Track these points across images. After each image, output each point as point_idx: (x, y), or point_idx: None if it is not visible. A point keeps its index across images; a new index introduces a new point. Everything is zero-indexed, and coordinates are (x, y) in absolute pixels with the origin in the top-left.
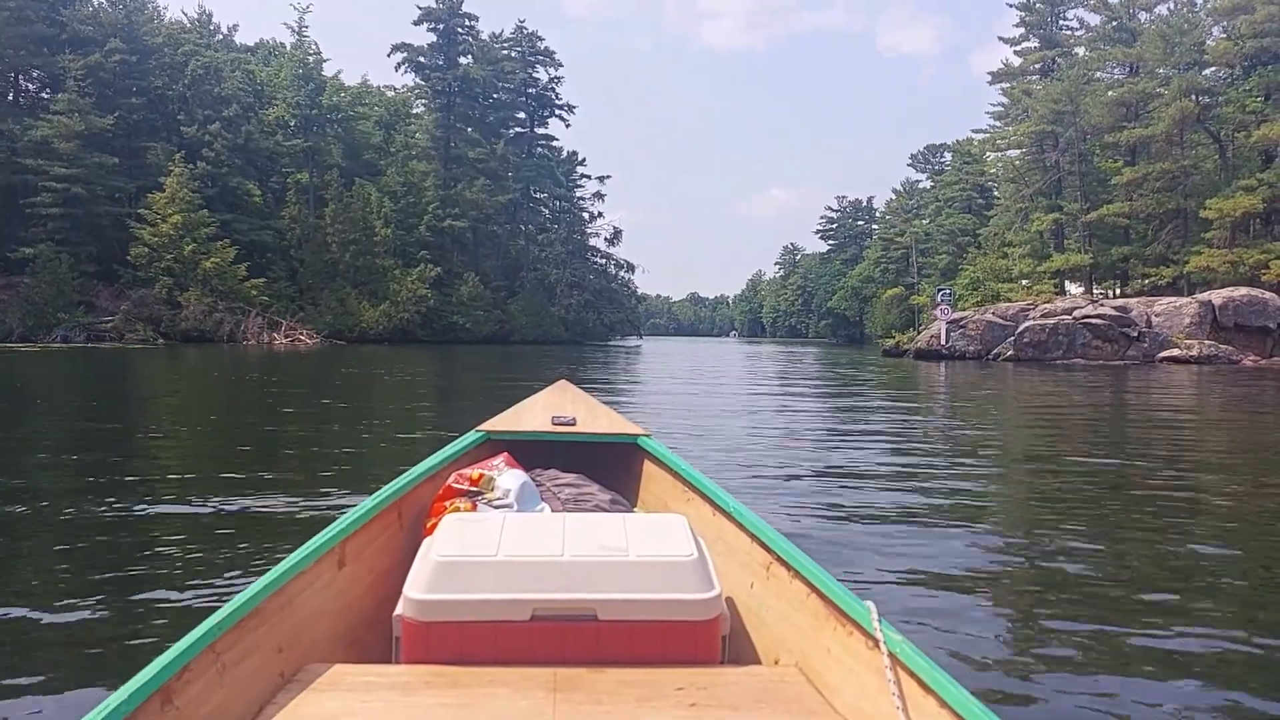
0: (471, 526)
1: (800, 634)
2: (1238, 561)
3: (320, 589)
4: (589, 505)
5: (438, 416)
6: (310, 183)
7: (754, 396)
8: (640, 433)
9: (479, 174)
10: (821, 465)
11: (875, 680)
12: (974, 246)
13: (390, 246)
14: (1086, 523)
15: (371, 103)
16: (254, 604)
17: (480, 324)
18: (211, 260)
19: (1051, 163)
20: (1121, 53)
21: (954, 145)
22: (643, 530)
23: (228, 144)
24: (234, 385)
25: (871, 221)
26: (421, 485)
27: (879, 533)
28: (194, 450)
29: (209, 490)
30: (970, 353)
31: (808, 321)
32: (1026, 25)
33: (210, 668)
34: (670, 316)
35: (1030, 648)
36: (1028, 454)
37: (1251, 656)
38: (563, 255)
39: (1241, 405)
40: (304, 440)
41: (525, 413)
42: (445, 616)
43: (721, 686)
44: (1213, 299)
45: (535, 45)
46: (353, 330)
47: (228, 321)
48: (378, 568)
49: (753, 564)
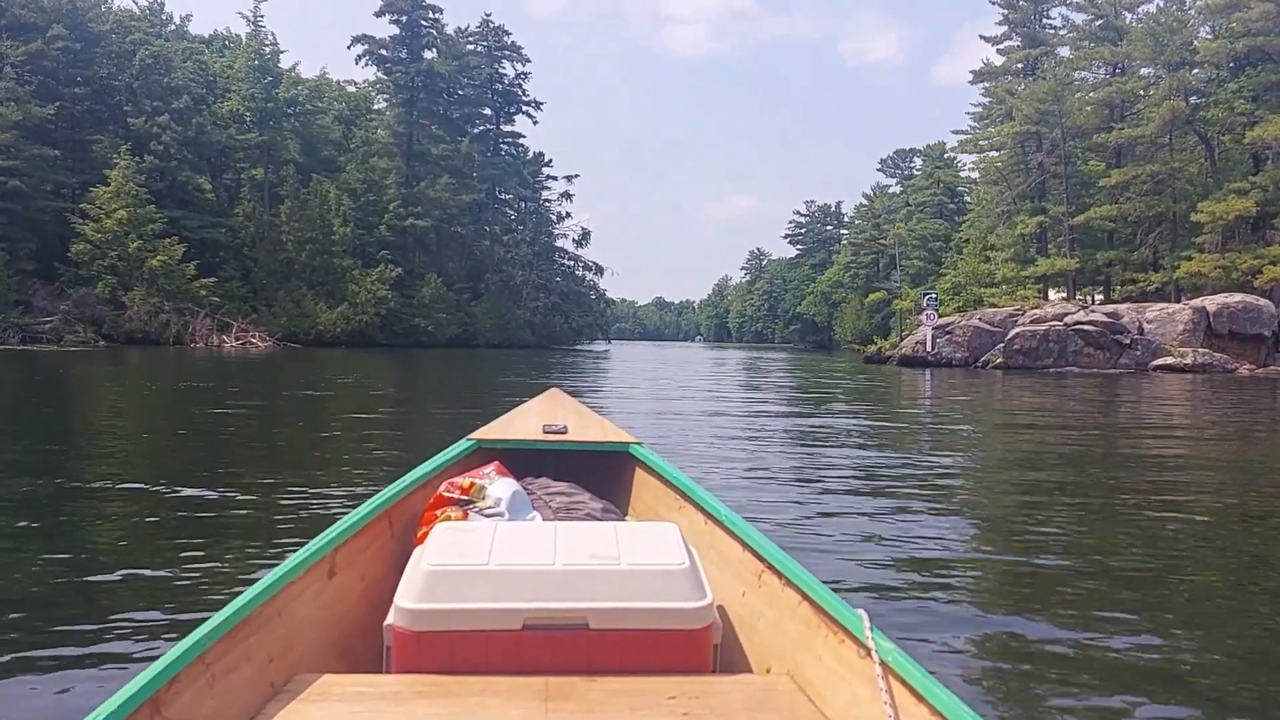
0: (463, 535)
1: (792, 642)
2: (1230, 572)
3: (311, 598)
4: (580, 514)
5: (388, 450)
6: (265, 179)
7: (751, 416)
8: (632, 441)
9: (443, 171)
10: (814, 479)
11: (867, 689)
12: (946, 251)
13: (349, 246)
14: (1079, 534)
15: (331, 97)
16: (244, 613)
17: (443, 327)
18: (158, 258)
19: (1035, 164)
20: (1109, 51)
21: (924, 150)
22: (634, 538)
23: (177, 137)
24: (166, 400)
25: (840, 226)
26: (412, 494)
27: (869, 545)
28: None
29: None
30: (957, 360)
31: (774, 327)
32: (1010, 23)
33: (200, 678)
34: (636, 321)
35: (1022, 658)
36: (1034, 466)
37: (1241, 666)
38: (529, 256)
39: (1248, 417)
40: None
41: (517, 421)
42: (437, 626)
43: (713, 695)
44: (1206, 305)
45: (502, 40)
46: (309, 333)
47: (175, 323)
48: (369, 577)
49: (745, 572)
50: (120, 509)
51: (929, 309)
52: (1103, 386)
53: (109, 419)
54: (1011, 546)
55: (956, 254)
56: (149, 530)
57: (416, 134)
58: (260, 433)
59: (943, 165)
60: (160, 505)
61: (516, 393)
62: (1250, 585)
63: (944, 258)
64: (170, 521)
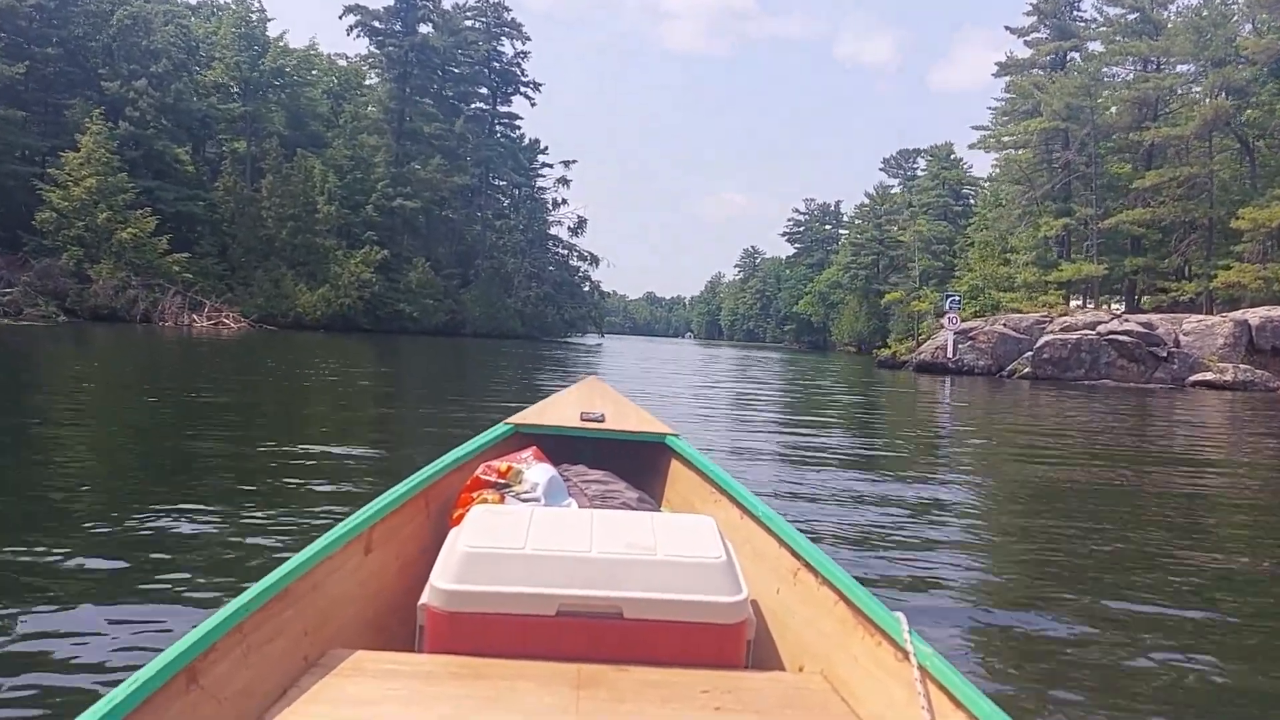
0: (499, 518)
1: (826, 641)
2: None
3: (347, 574)
4: (616, 502)
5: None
6: (248, 152)
7: (774, 430)
8: (669, 432)
9: (435, 151)
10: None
11: (904, 692)
12: (951, 254)
13: (333, 225)
14: (1131, 550)
15: (321, 70)
16: (281, 586)
17: (429, 313)
18: (129, 230)
19: (1062, 163)
20: (1147, 45)
21: (929, 150)
22: (671, 530)
23: (155, 103)
24: (99, 390)
25: (839, 226)
26: (449, 475)
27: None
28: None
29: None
30: (980, 368)
31: (766, 326)
32: (1040, 13)
33: (236, 648)
34: (626, 315)
35: (1061, 668)
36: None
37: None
38: (522, 244)
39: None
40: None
41: (554, 407)
42: (471, 607)
43: (746, 691)
44: (1249, 318)
45: (501, 16)
46: (286, 315)
47: (143, 299)
48: (404, 555)
49: (780, 569)
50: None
51: (951, 312)
52: (1144, 403)
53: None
54: (1059, 561)
55: (963, 256)
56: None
57: (408, 111)
58: (205, 444)
59: (949, 166)
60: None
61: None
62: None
63: (952, 260)
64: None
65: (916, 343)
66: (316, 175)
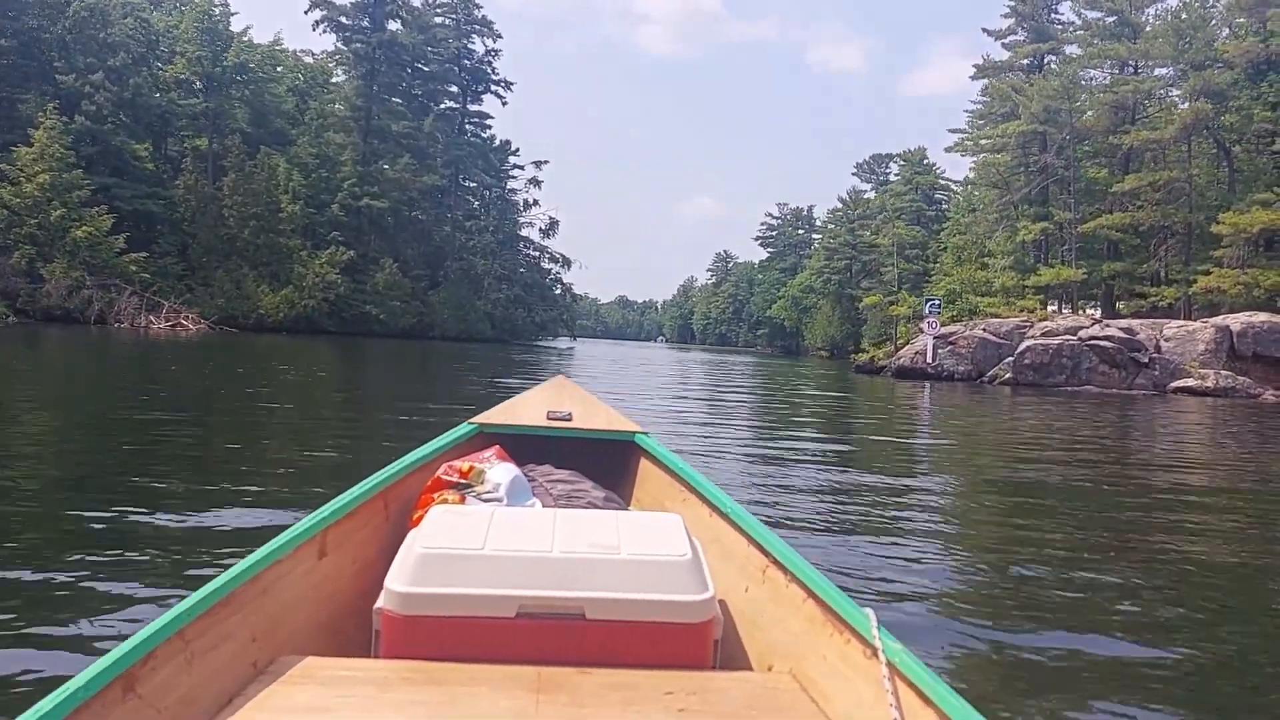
0: (459, 519)
1: (795, 640)
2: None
3: (299, 578)
4: (582, 502)
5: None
6: (210, 150)
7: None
8: (637, 430)
9: (403, 150)
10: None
11: (872, 690)
12: (925, 259)
13: (297, 225)
14: (1106, 552)
15: (286, 66)
16: (227, 590)
17: (396, 316)
18: (83, 229)
19: (1040, 166)
20: (1126, 48)
21: (903, 155)
22: (636, 528)
23: (112, 98)
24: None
25: (812, 230)
26: (409, 476)
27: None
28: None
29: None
30: (960, 373)
31: (738, 330)
32: (1017, 15)
33: (178, 655)
34: (598, 319)
35: (1031, 664)
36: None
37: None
38: (492, 245)
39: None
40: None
41: (520, 406)
42: (427, 610)
43: (712, 692)
44: (1230, 324)
45: (472, 13)
46: (248, 316)
47: (98, 300)
48: (360, 559)
49: (749, 567)
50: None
51: (931, 316)
52: (1128, 410)
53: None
54: (1028, 561)
55: (937, 261)
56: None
57: (376, 109)
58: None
59: (922, 170)
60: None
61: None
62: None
63: (925, 265)
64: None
65: (895, 348)
66: (281, 173)
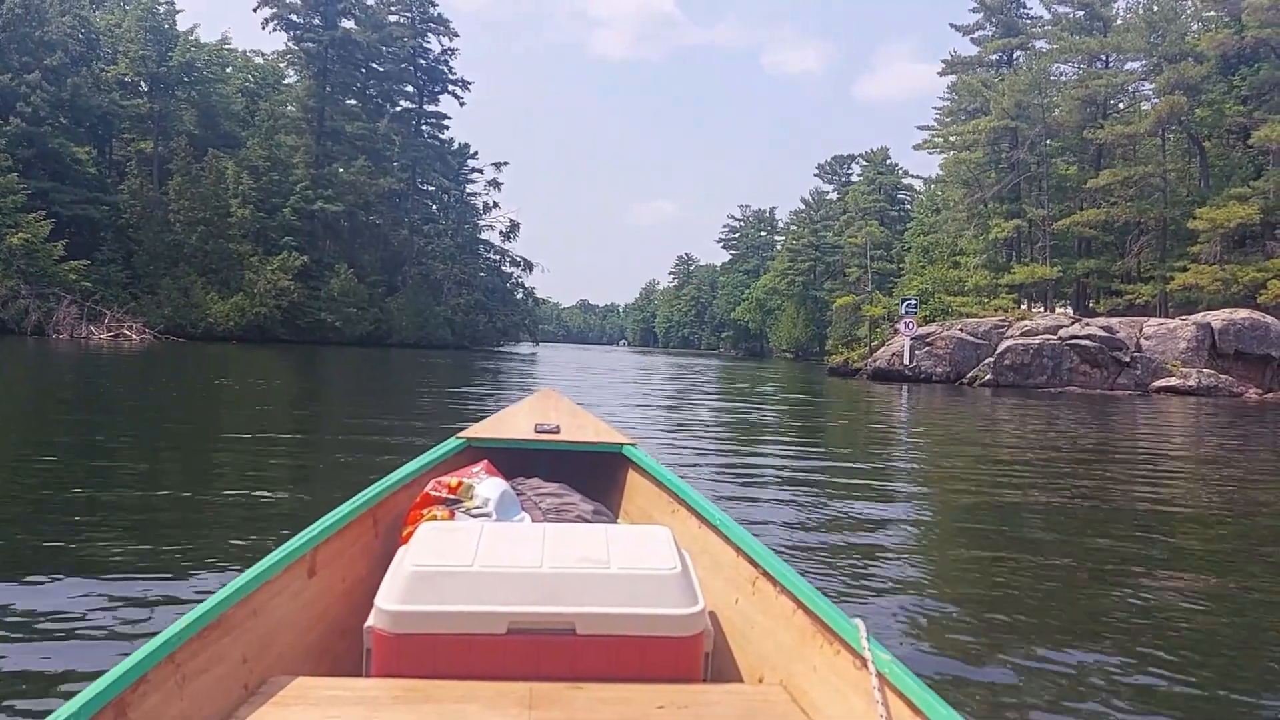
0: (448, 536)
1: (785, 652)
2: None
3: (289, 598)
4: (571, 515)
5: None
6: (155, 153)
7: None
8: (626, 442)
9: (358, 153)
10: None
11: (862, 701)
12: (889, 259)
13: (247, 230)
14: (1093, 558)
15: (236, 66)
16: (218, 613)
17: (353, 323)
18: (19, 235)
19: (1011, 162)
20: (1097, 42)
21: (865, 155)
22: (625, 542)
23: (49, 98)
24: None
25: (775, 232)
26: (398, 492)
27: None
28: None
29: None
30: (938, 374)
31: (701, 333)
32: (986, 9)
33: (169, 679)
34: (560, 323)
35: (1020, 673)
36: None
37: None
38: (451, 249)
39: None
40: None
41: (508, 420)
42: (418, 628)
43: (703, 705)
44: (1211, 321)
45: (427, 11)
46: (197, 325)
47: (35, 310)
48: (350, 577)
49: (738, 578)
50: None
51: (908, 316)
52: (1114, 411)
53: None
54: (1015, 563)
55: (903, 261)
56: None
57: (329, 109)
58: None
59: (884, 171)
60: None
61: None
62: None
63: (890, 265)
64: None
65: (870, 349)
66: (230, 176)
